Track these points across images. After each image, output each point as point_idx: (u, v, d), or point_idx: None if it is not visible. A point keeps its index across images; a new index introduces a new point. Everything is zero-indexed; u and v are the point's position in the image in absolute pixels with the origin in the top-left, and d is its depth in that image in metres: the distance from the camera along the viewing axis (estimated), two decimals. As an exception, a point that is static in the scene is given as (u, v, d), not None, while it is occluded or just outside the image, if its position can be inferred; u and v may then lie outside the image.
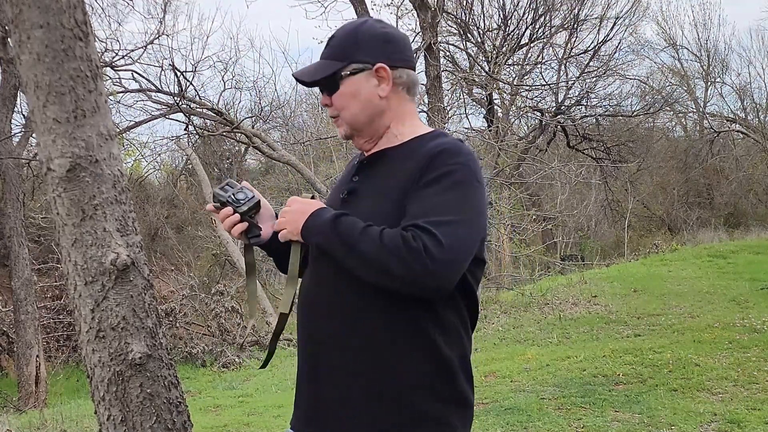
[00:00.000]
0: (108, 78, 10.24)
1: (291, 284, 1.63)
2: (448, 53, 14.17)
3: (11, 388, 9.99)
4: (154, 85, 10.99)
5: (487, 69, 13.31)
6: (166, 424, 1.84)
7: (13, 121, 10.23)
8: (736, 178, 21.95)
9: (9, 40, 6.10)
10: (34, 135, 6.58)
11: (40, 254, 12.86)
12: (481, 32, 14.73)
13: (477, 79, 13.21)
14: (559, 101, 16.59)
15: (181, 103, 11.06)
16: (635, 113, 18.65)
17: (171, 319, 10.80)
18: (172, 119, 12.16)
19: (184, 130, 12.43)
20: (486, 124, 14.33)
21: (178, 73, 10.78)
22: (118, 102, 10.72)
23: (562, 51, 16.43)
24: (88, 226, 1.77)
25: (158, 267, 14.17)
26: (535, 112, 16.33)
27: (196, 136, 13.82)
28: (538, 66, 16.10)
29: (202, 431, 4.97)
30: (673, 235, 19.95)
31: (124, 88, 10.91)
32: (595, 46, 16.30)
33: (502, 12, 14.83)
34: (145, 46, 10.46)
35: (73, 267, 1.79)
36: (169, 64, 10.77)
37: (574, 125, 16.36)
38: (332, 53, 1.62)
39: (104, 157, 1.78)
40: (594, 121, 17.66)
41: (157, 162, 18.44)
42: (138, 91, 11.03)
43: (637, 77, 19.48)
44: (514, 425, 4.42)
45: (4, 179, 9.80)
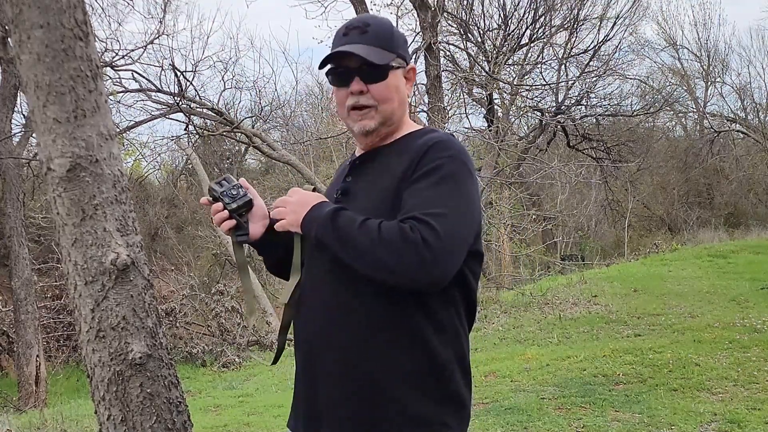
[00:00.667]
0: (108, 78, 10.25)
1: (294, 276, 1.63)
2: (448, 53, 14.17)
3: (11, 388, 9.99)
4: (154, 85, 11.00)
5: (487, 69, 13.30)
6: (166, 424, 1.84)
7: (13, 121, 10.23)
8: (736, 178, 21.95)
9: (9, 40, 6.10)
10: (34, 135, 6.57)
11: (40, 254, 12.85)
12: (481, 32, 14.71)
13: (477, 79, 13.22)
14: (559, 101, 16.60)
15: (181, 103, 11.06)
16: (635, 113, 18.66)
17: (171, 319, 10.81)
18: (172, 119, 12.19)
19: (184, 129, 12.44)
20: (486, 124, 14.31)
21: (178, 73, 10.79)
22: (118, 102, 10.73)
23: (562, 51, 16.42)
24: (88, 226, 1.77)
25: (158, 267, 14.15)
26: (535, 112, 16.34)
27: (196, 136, 13.81)
28: (538, 66, 16.11)
29: (202, 431, 4.96)
30: (673, 234, 19.94)
31: (124, 88, 10.92)
32: (595, 46, 16.32)
33: (502, 12, 14.84)
34: (145, 46, 10.48)
35: (73, 267, 1.79)
36: (169, 64, 10.79)
37: (574, 125, 16.34)
38: (378, 42, 1.58)
39: (104, 157, 1.78)
40: (594, 120, 17.65)
41: (157, 162, 18.48)
42: (138, 91, 11.03)
43: (637, 77, 19.52)
44: (514, 425, 4.42)
45: (4, 179, 9.79)
